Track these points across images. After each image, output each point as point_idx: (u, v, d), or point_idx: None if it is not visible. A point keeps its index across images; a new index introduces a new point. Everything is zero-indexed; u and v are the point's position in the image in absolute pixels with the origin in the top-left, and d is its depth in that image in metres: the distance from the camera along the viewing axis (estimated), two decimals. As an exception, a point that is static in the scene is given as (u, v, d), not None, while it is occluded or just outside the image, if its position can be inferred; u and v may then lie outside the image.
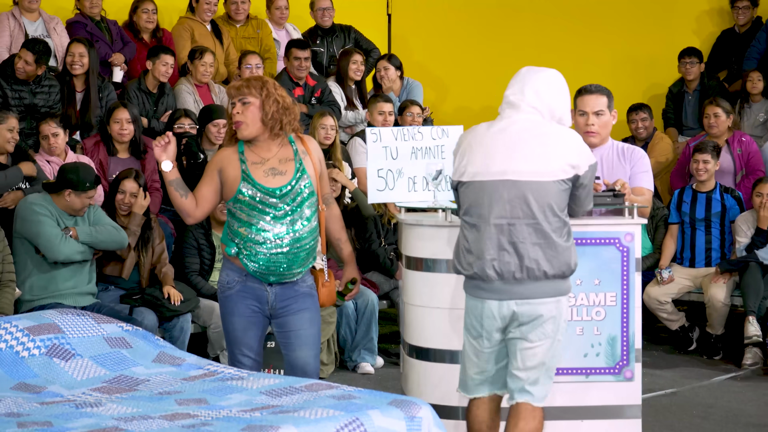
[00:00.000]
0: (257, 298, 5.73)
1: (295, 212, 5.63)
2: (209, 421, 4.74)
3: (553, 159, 5.13)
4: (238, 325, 5.78)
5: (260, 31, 10.85)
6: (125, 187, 7.91)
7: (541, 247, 5.12)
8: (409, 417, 4.88)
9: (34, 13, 9.54)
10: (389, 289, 9.07)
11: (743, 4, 11.37)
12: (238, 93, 5.66)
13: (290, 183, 5.64)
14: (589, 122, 6.13)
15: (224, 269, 5.81)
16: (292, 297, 5.75)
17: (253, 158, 5.67)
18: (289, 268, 5.66)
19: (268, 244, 5.60)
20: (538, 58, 11.82)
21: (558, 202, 5.15)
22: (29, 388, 5.43)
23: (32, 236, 7.42)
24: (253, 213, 5.61)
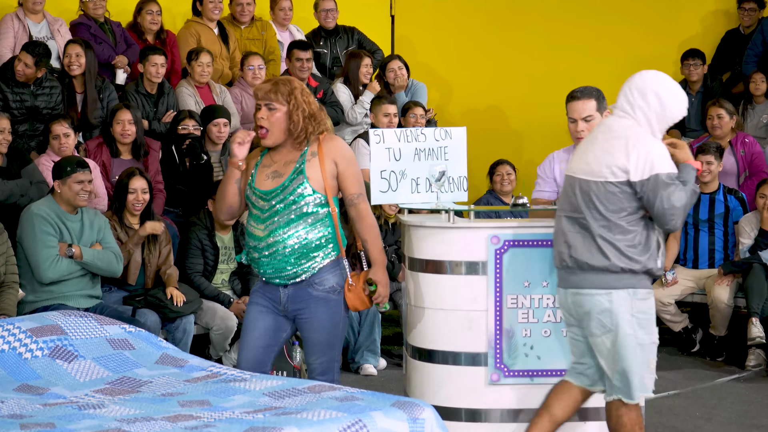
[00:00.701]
0: (272, 297, 5.69)
1: (279, 214, 5.54)
2: (212, 423, 4.74)
3: (605, 161, 5.27)
4: (249, 312, 5.75)
5: (264, 32, 10.85)
6: (135, 185, 7.89)
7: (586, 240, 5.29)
8: (412, 418, 4.88)
9: (38, 14, 9.54)
10: (392, 291, 9.06)
11: (750, 5, 11.36)
12: (266, 97, 5.56)
13: (282, 184, 5.57)
14: (578, 129, 6.17)
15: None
16: (304, 301, 5.65)
17: (266, 161, 5.65)
18: (283, 270, 5.59)
19: (258, 248, 5.60)
20: (543, 59, 11.93)
21: (606, 202, 5.27)
22: (32, 389, 5.43)
23: (26, 249, 7.45)
24: (250, 216, 5.65)
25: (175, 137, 8.96)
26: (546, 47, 12.00)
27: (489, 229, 5.90)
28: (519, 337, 5.89)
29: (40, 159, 8.35)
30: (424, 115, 10.23)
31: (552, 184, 6.30)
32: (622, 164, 5.24)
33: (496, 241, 5.86)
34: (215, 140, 9.05)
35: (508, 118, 11.84)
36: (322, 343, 5.70)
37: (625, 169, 5.23)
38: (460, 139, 6.53)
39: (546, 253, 5.87)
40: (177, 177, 8.90)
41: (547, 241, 5.87)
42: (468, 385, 5.94)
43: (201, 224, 8.30)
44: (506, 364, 5.89)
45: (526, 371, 5.91)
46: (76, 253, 7.43)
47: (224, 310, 8.13)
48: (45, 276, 7.37)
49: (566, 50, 11.90)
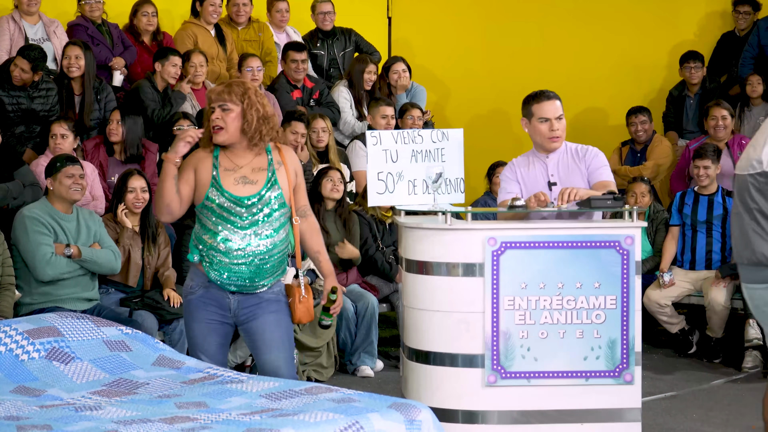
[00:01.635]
0: (219, 306, 5.65)
1: (262, 223, 5.54)
2: (209, 425, 4.74)
3: (748, 154, 5.20)
4: (198, 332, 5.72)
5: (262, 34, 10.85)
6: (134, 184, 7.88)
7: (742, 234, 5.20)
8: (409, 420, 4.88)
9: (34, 16, 9.54)
10: (389, 293, 9.07)
11: (744, 8, 11.37)
12: (219, 98, 5.55)
13: (259, 193, 5.55)
14: (553, 128, 6.20)
15: (189, 273, 5.75)
16: (255, 304, 5.67)
17: (226, 164, 5.57)
18: (251, 280, 5.59)
19: (231, 254, 5.52)
20: (540, 61, 11.94)
21: (754, 195, 5.18)
22: (29, 391, 5.43)
23: (21, 252, 7.42)
24: (218, 221, 5.52)
25: (171, 138, 8.96)
26: (543, 49, 12.01)
27: (486, 231, 5.90)
28: (516, 339, 5.89)
29: (38, 160, 8.35)
30: (422, 117, 10.23)
31: (518, 186, 6.28)
32: (758, 156, 5.20)
33: (493, 243, 5.86)
34: (212, 142, 9.04)
35: (505, 119, 11.85)
36: (282, 337, 5.73)
37: (759, 160, 5.20)
38: (457, 140, 6.54)
39: (542, 254, 5.88)
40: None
41: (543, 242, 5.87)
42: (465, 386, 5.93)
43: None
44: (503, 365, 5.89)
45: (523, 373, 5.91)
46: (74, 252, 7.42)
47: (221, 311, 8.12)
48: (44, 273, 7.35)
49: (563, 52, 11.92)
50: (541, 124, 6.22)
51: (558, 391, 5.91)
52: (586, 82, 11.69)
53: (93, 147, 8.69)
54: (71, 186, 7.50)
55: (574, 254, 5.88)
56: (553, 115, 6.21)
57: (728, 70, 11.49)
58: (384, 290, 9.03)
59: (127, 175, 7.92)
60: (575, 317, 5.90)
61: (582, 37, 11.96)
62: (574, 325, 5.89)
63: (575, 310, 5.89)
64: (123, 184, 7.88)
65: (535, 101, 6.24)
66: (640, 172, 10.29)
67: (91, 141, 8.76)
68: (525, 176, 6.27)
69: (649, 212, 9.55)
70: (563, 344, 5.89)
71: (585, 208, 6.00)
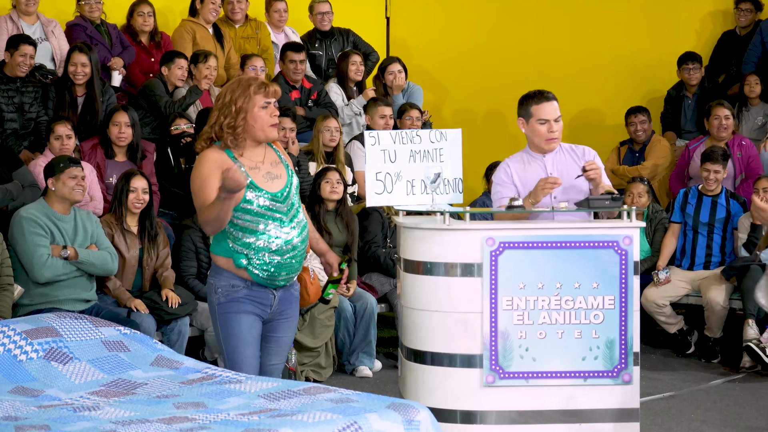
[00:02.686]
0: (261, 303, 5.60)
1: (297, 215, 5.56)
2: (207, 425, 4.74)
3: None
4: (245, 323, 5.56)
5: (259, 31, 10.86)
6: (136, 184, 7.86)
7: None
8: (407, 420, 4.88)
9: (32, 16, 9.54)
10: (388, 291, 9.05)
11: (746, 6, 11.37)
12: (277, 94, 5.56)
13: (287, 185, 5.56)
14: (552, 129, 6.22)
15: (223, 277, 5.57)
16: (288, 302, 5.70)
17: (248, 163, 5.50)
18: (296, 269, 5.61)
19: (281, 250, 5.49)
20: (538, 61, 11.93)
21: None
22: (27, 391, 5.43)
23: (18, 253, 7.41)
24: (259, 220, 5.45)
25: (170, 139, 8.96)
26: (541, 49, 12.01)
27: (484, 231, 5.90)
28: (514, 339, 5.89)
29: (37, 161, 8.34)
30: (420, 118, 10.23)
31: (514, 190, 6.27)
32: None
33: (492, 243, 5.86)
34: (212, 143, 9.04)
35: (503, 119, 11.84)
36: (290, 342, 5.85)
37: None
38: (455, 140, 6.54)
39: (541, 254, 5.88)
40: (171, 179, 8.89)
41: (541, 242, 5.87)
42: (463, 386, 5.93)
43: (195, 227, 8.29)
44: (501, 365, 5.89)
45: (522, 373, 5.91)
46: (71, 254, 7.41)
47: (219, 312, 8.11)
48: (40, 275, 7.34)
49: (561, 52, 11.91)
50: (539, 126, 6.22)
51: (556, 392, 5.91)
52: (584, 82, 11.69)
53: (90, 148, 8.67)
54: (74, 187, 7.50)
55: (573, 254, 5.88)
56: (551, 117, 6.21)
57: (728, 69, 11.48)
58: (383, 290, 9.03)
59: (130, 175, 7.91)
60: (573, 317, 5.90)
61: (580, 36, 11.96)
62: (572, 325, 5.90)
63: (573, 310, 5.90)
64: (125, 184, 7.86)
65: (534, 102, 6.23)
66: (639, 172, 10.28)
67: (88, 142, 8.74)
68: (522, 176, 6.27)
69: (647, 212, 9.54)
70: (561, 344, 5.89)
71: (583, 208, 6.01)
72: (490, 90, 12.15)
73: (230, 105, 5.47)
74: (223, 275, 5.58)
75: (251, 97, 5.47)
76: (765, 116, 10.72)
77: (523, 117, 6.28)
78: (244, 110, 5.47)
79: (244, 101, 5.47)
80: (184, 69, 9.50)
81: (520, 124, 6.31)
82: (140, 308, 7.65)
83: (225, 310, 5.59)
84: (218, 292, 5.60)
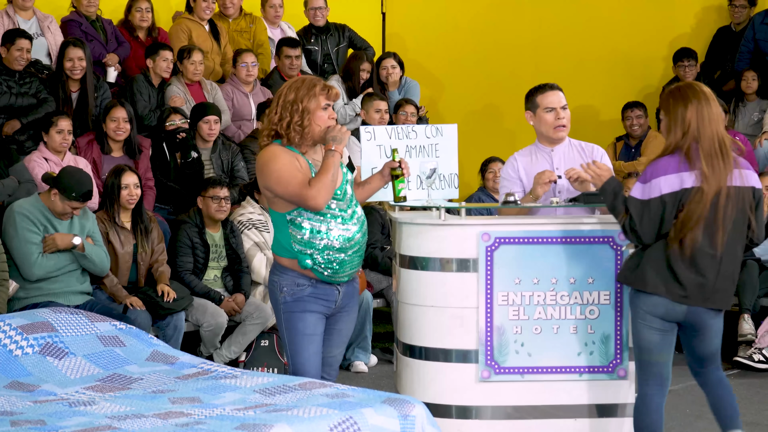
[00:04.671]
0: (326, 300, 5.61)
1: (356, 210, 5.60)
2: (203, 420, 4.74)
3: None
4: (310, 321, 5.56)
5: (253, 25, 10.85)
6: (127, 180, 7.84)
7: None
8: (403, 415, 4.89)
9: (28, 11, 9.53)
10: (384, 287, 9.06)
11: (740, 2, 11.36)
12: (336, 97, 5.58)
13: (344, 183, 5.59)
14: (560, 116, 6.24)
15: (287, 275, 5.56)
16: (351, 295, 5.73)
17: (314, 162, 5.55)
18: (359, 264, 5.66)
19: (346, 248, 5.51)
20: (534, 56, 11.93)
21: None
22: (22, 386, 5.43)
23: (9, 249, 7.36)
24: (323, 219, 5.47)
25: (165, 134, 8.96)
26: (537, 44, 12.01)
27: (480, 226, 5.90)
28: (510, 334, 5.89)
29: (31, 156, 8.32)
30: (416, 113, 10.23)
31: (519, 185, 6.29)
32: None
33: (487, 239, 5.86)
34: (206, 137, 9.04)
35: (499, 115, 11.85)
36: (350, 333, 5.89)
37: None
38: (451, 136, 6.55)
39: (536, 250, 5.88)
40: (167, 174, 8.89)
41: (537, 238, 5.87)
42: (459, 382, 5.93)
43: (191, 222, 8.29)
44: (497, 361, 5.89)
45: (517, 368, 5.91)
46: (79, 245, 7.39)
47: (214, 307, 8.12)
48: (31, 273, 7.32)
49: (556, 47, 11.91)
50: (547, 114, 6.23)
51: (552, 387, 5.92)
52: (580, 77, 11.68)
53: (86, 143, 8.67)
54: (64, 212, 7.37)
55: (568, 250, 5.88)
56: (558, 105, 6.24)
57: (723, 65, 11.49)
58: (378, 286, 9.04)
59: (120, 171, 7.89)
60: (569, 313, 5.90)
61: (576, 32, 11.96)
62: (567, 320, 5.90)
63: (569, 305, 5.90)
64: (116, 180, 7.84)
65: (539, 92, 6.27)
66: (635, 168, 10.28)
67: (84, 137, 8.73)
68: (528, 169, 6.27)
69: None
70: (557, 339, 5.89)
71: (579, 204, 6.01)
72: (486, 85, 12.15)
73: (296, 103, 5.49)
74: (287, 274, 5.57)
75: (316, 97, 5.50)
76: (761, 112, 10.72)
77: (530, 110, 6.29)
78: (309, 110, 5.49)
79: (309, 101, 5.49)
80: (169, 61, 9.48)
81: (528, 117, 6.32)
82: (136, 305, 7.64)
83: (290, 309, 5.59)
84: (284, 291, 5.58)
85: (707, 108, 5.48)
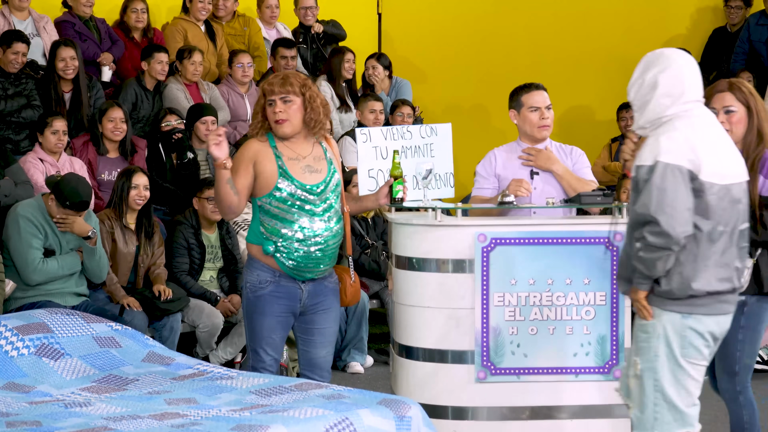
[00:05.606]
0: (290, 297, 5.66)
1: (331, 209, 5.64)
2: (199, 421, 4.74)
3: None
4: (266, 325, 5.66)
5: (248, 28, 10.84)
6: (137, 181, 7.81)
7: None
8: (399, 416, 4.89)
9: (24, 11, 9.51)
10: (379, 289, 9.06)
11: (736, 3, 11.37)
12: (282, 91, 5.61)
13: (325, 181, 5.65)
14: (544, 116, 6.27)
15: (253, 270, 5.67)
16: (322, 294, 5.74)
17: (288, 154, 5.64)
18: (325, 264, 5.66)
19: (309, 241, 5.57)
20: (529, 56, 11.93)
21: None
22: (18, 387, 5.42)
23: (11, 251, 7.35)
24: (291, 210, 5.56)
25: (161, 135, 8.95)
26: (532, 45, 12.00)
27: (476, 227, 5.90)
28: (506, 335, 5.89)
29: (27, 157, 8.31)
30: (412, 115, 10.23)
31: (494, 182, 6.32)
32: None
33: (483, 239, 5.86)
34: (202, 138, 9.03)
35: (494, 115, 11.84)
36: (335, 332, 5.89)
37: None
38: (445, 135, 6.56)
39: (532, 250, 5.88)
40: (163, 175, 8.88)
41: (533, 238, 5.88)
42: (454, 382, 5.94)
43: (187, 223, 8.29)
44: (493, 361, 5.89)
45: (513, 369, 5.91)
46: (93, 238, 7.37)
47: (211, 308, 8.12)
48: (31, 279, 7.30)
49: (552, 48, 11.91)
50: (531, 113, 6.26)
51: (547, 388, 5.92)
52: (575, 78, 11.68)
53: (82, 144, 8.65)
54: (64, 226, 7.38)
55: (564, 250, 5.88)
56: (542, 104, 6.27)
57: (719, 66, 11.48)
58: (374, 286, 9.03)
59: (131, 172, 7.88)
60: (565, 313, 5.90)
61: (571, 32, 11.95)
62: (563, 321, 5.90)
63: (565, 306, 5.90)
64: (127, 181, 7.82)
65: (524, 91, 6.31)
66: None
67: (79, 138, 8.72)
68: (506, 165, 6.30)
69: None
70: (553, 340, 5.89)
71: (575, 204, 6.01)
72: (481, 85, 12.15)
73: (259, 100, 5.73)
74: (253, 267, 5.68)
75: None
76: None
77: (514, 108, 6.33)
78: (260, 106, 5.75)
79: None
80: (164, 63, 9.45)
81: (512, 115, 6.36)
82: (133, 305, 7.63)
83: (251, 310, 5.70)
84: (247, 287, 5.71)
85: None
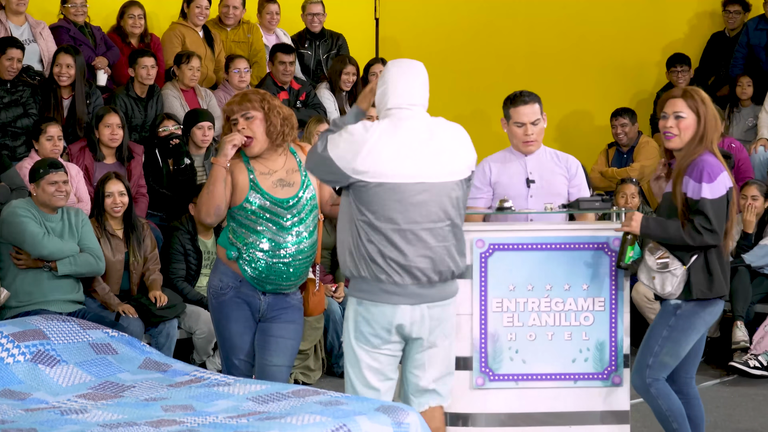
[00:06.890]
0: (249, 305, 5.74)
1: (302, 224, 5.65)
2: (195, 428, 4.72)
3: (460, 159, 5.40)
4: (235, 331, 5.76)
5: (251, 35, 10.84)
6: (111, 189, 7.81)
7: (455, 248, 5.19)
8: (397, 423, 4.87)
9: (21, 17, 9.50)
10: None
11: (734, 8, 11.37)
12: (241, 108, 5.66)
13: (297, 195, 5.66)
14: (528, 132, 6.28)
15: (217, 273, 5.78)
16: (283, 308, 5.78)
17: (260, 168, 5.68)
18: (287, 278, 5.68)
19: (272, 253, 5.60)
20: (527, 62, 11.94)
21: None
22: (14, 394, 5.40)
23: (16, 237, 7.33)
24: (260, 221, 5.60)
25: (157, 140, 8.93)
26: (530, 50, 12.01)
27: (474, 233, 5.88)
28: (504, 341, 5.87)
29: (22, 163, 8.30)
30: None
31: (488, 191, 6.31)
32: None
33: (481, 245, 5.85)
34: (199, 144, 9.01)
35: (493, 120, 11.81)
36: (295, 348, 5.90)
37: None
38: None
39: (531, 256, 5.86)
40: (160, 180, 8.86)
41: (531, 244, 5.86)
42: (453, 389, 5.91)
43: (184, 229, 8.27)
44: (491, 368, 5.87)
45: (511, 375, 5.89)
46: (53, 267, 7.36)
47: (207, 314, 8.05)
48: (43, 246, 7.28)
49: (551, 53, 11.91)
50: (516, 128, 6.30)
51: (546, 394, 5.90)
52: (573, 83, 11.68)
53: (78, 150, 8.64)
54: (54, 194, 7.41)
55: (563, 256, 5.87)
56: (528, 120, 6.25)
57: (718, 71, 11.49)
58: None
59: (105, 179, 7.86)
60: (563, 319, 5.89)
61: (569, 38, 11.96)
62: (562, 327, 5.88)
63: (563, 312, 5.88)
64: (102, 188, 7.82)
65: (512, 105, 6.33)
66: (627, 174, 10.27)
67: (76, 144, 8.71)
68: (501, 172, 6.29)
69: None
70: (551, 346, 5.87)
71: (573, 210, 6.00)
72: (479, 91, 12.15)
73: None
74: (217, 271, 5.77)
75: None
76: (756, 117, 10.72)
77: (505, 117, 6.35)
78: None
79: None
80: (149, 68, 9.40)
81: (503, 124, 6.40)
82: (129, 312, 7.61)
83: (217, 316, 5.82)
84: (210, 291, 5.82)
85: None
